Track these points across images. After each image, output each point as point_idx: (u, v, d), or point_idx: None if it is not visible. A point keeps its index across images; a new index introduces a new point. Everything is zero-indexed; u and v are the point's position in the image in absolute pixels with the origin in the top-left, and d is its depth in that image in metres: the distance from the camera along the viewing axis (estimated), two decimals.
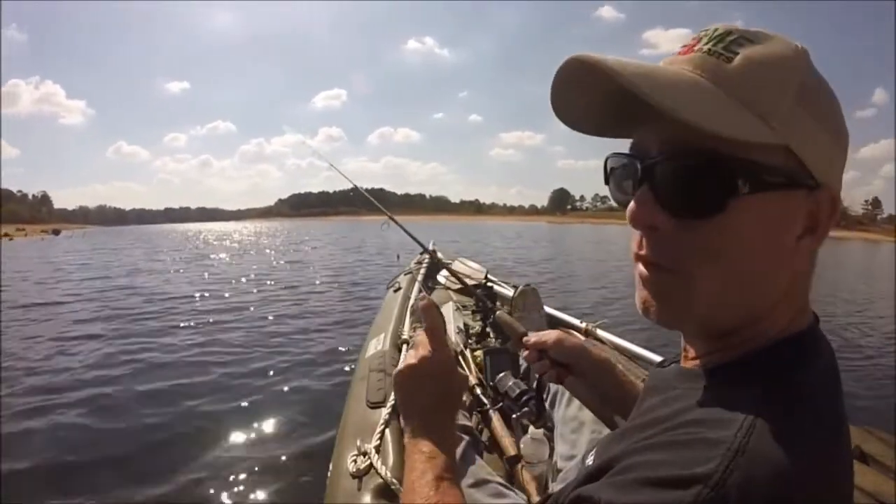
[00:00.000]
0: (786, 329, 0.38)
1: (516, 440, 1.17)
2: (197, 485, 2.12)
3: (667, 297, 0.38)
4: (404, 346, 1.54)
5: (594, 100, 0.40)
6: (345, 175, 2.18)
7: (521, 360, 1.41)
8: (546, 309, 2.00)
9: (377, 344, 1.64)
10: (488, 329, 1.92)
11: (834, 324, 5.98)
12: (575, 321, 2.08)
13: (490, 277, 2.86)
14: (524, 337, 0.82)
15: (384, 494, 0.91)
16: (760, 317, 0.37)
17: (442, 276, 2.94)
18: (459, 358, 1.61)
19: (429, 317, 0.62)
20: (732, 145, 0.33)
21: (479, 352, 1.57)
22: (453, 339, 1.70)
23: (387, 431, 1.08)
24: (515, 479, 1.09)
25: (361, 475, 0.96)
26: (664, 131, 0.36)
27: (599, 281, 9.02)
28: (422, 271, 2.83)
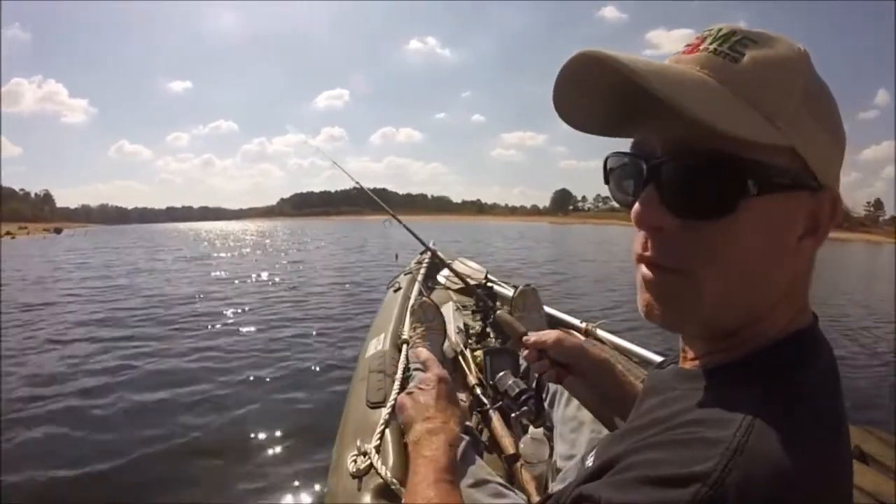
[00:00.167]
0: (785, 329, 0.38)
1: (516, 440, 1.17)
2: (196, 485, 2.12)
3: (671, 299, 0.38)
4: (404, 346, 1.54)
5: (597, 98, 0.40)
6: (349, 174, 2.18)
7: (521, 360, 1.41)
8: (546, 309, 1.99)
9: (377, 344, 1.64)
10: (488, 329, 1.92)
11: (834, 324, 5.95)
12: (575, 321, 2.08)
13: (490, 277, 2.86)
14: (524, 336, 0.83)
15: (384, 494, 0.91)
16: (761, 317, 0.37)
17: (442, 276, 2.94)
18: (459, 358, 1.61)
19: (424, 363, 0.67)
20: (739, 146, 0.33)
21: (479, 352, 1.57)
22: (453, 339, 1.70)
23: (387, 431, 1.08)
24: (515, 479, 1.09)
25: (361, 475, 0.96)
26: (669, 130, 0.36)
27: (606, 283, 8.78)
28: (422, 271, 2.83)
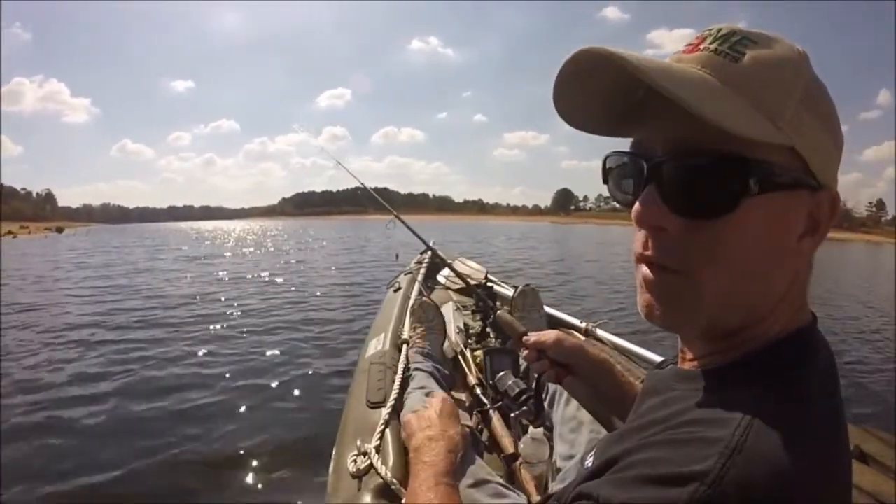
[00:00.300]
0: (785, 329, 0.38)
1: (516, 440, 1.17)
2: (196, 485, 2.12)
3: (672, 300, 0.37)
4: (404, 346, 1.54)
5: (597, 96, 0.40)
6: (354, 175, 2.19)
7: (521, 360, 1.41)
8: (546, 309, 1.99)
9: (377, 344, 1.64)
10: (488, 329, 1.92)
11: (835, 324, 5.95)
12: (575, 321, 2.07)
13: (490, 277, 2.86)
14: (524, 336, 0.83)
15: (384, 494, 0.91)
16: (762, 317, 0.37)
17: (442, 276, 2.94)
18: (459, 358, 1.61)
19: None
20: (742, 144, 0.33)
21: (479, 352, 1.58)
22: (453, 339, 1.70)
23: (387, 431, 1.08)
24: (515, 479, 1.09)
25: (361, 475, 0.96)
26: (671, 129, 0.36)
27: (611, 284, 8.65)
28: (422, 271, 2.83)
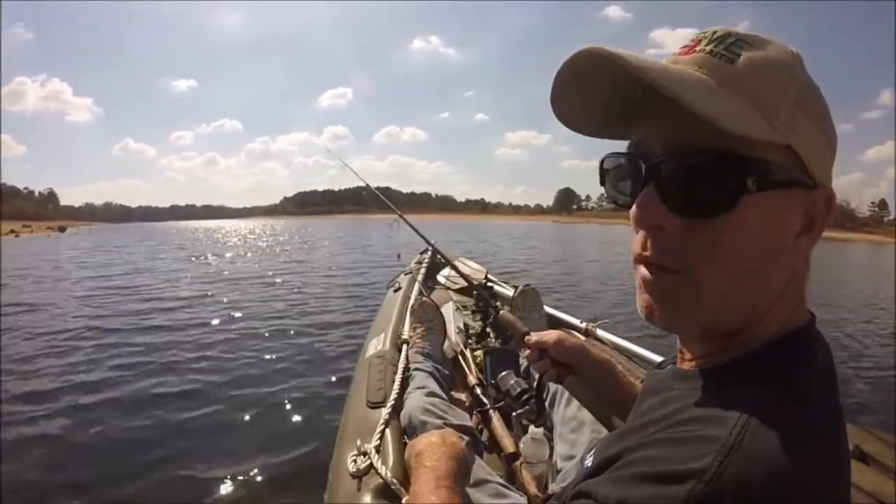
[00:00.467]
0: (783, 328, 0.38)
1: (516, 439, 1.17)
2: (197, 485, 2.12)
3: (671, 300, 0.38)
4: (404, 346, 1.54)
5: (595, 98, 0.40)
6: (359, 175, 2.20)
7: (522, 360, 1.41)
8: (546, 309, 1.99)
9: (377, 344, 1.64)
10: (488, 329, 1.93)
11: (835, 324, 5.93)
12: (575, 321, 2.08)
13: (490, 277, 2.87)
14: (526, 336, 0.83)
15: (384, 494, 0.91)
16: (760, 316, 0.38)
17: (442, 276, 2.94)
18: (459, 358, 1.62)
19: None
20: (739, 143, 0.33)
21: (479, 352, 1.58)
22: (453, 339, 1.71)
23: (387, 431, 1.08)
24: (515, 479, 1.09)
25: (361, 475, 0.96)
26: (670, 130, 0.36)
27: (618, 285, 8.43)
28: (422, 271, 2.83)
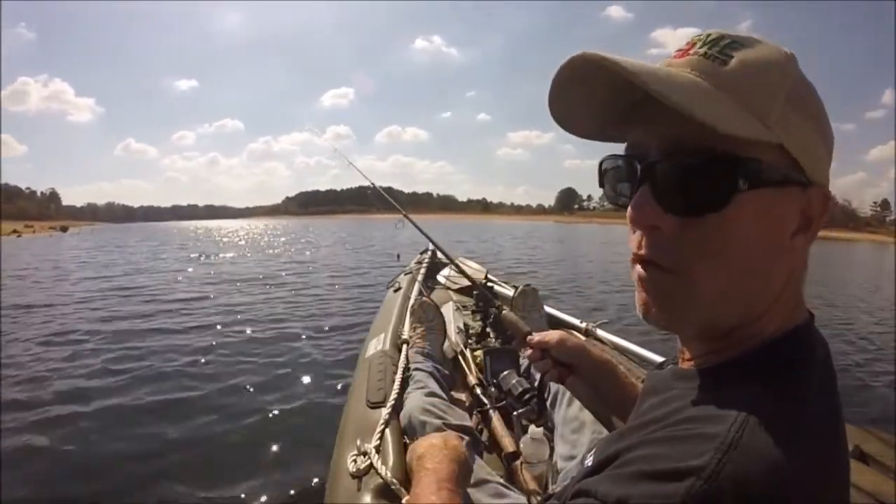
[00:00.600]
0: (781, 327, 0.38)
1: (516, 439, 1.17)
2: (197, 485, 2.12)
3: (667, 298, 0.38)
4: (404, 346, 1.54)
5: (591, 101, 0.40)
6: (364, 175, 2.21)
7: (522, 360, 1.42)
8: (546, 309, 2.00)
9: (377, 344, 1.64)
10: (488, 329, 1.92)
11: (835, 324, 5.91)
12: (575, 321, 2.08)
13: (490, 277, 2.87)
14: (528, 336, 0.83)
15: (384, 494, 0.91)
16: (758, 315, 0.38)
17: (442, 276, 2.94)
18: (459, 358, 1.62)
19: None
20: (731, 143, 0.34)
21: (479, 352, 1.58)
22: (453, 339, 1.71)
23: (387, 431, 1.08)
24: (515, 479, 1.09)
25: (361, 475, 0.96)
26: (663, 131, 0.37)
27: (623, 288, 8.18)
28: (422, 271, 2.83)
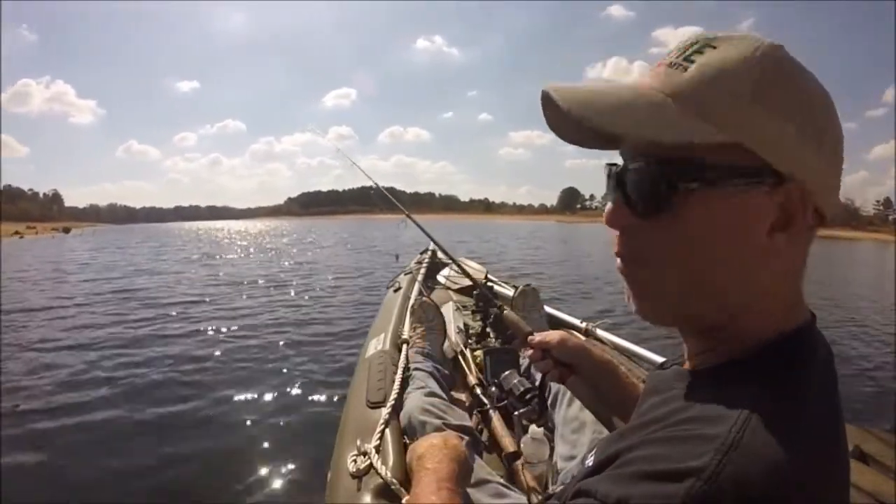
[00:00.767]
0: (780, 328, 0.38)
1: (517, 439, 1.18)
2: (197, 485, 2.13)
3: (642, 290, 0.41)
4: (404, 346, 1.55)
5: (565, 121, 0.43)
6: (368, 175, 2.23)
7: (522, 360, 1.42)
8: (546, 309, 2.00)
9: (377, 344, 1.64)
10: (488, 329, 1.92)
11: (836, 324, 5.91)
12: (575, 321, 2.08)
13: (490, 277, 2.87)
14: (529, 336, 0.84)
15: (384, 494, 0.91)
16: (740, 310, 0.38)
17: (442, 276, 2.94)
18: (459, 358, 1.62)
19: None
20: (678, 148, 0.35)
21: (479, 352, 1.58)
22: (453, 339, 1.71)
23: (387, 431, 1.08)
24: (516, 479, 1.09)
25: (361, 475, 0.96)
26: (630, 142, 0.40)
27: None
28: (422, 271, 2.84)
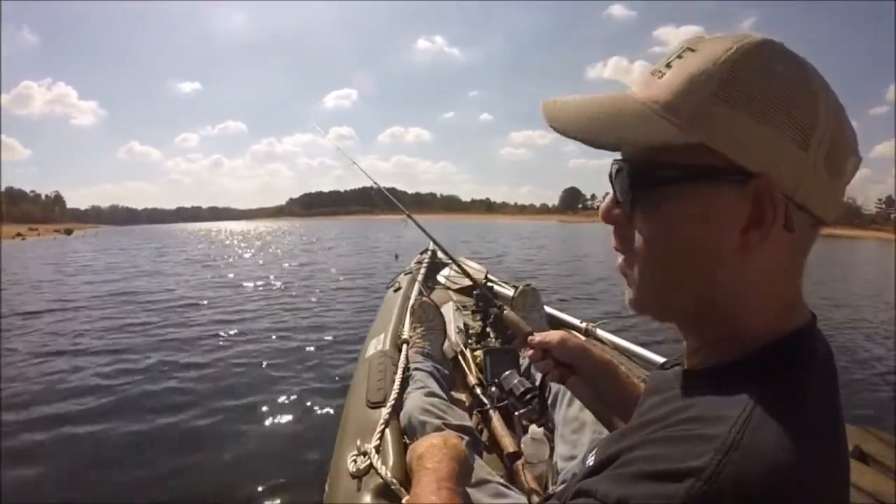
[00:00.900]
0: (779, 328, 0.38)
1: (517, 439, 1.18)
2: (197, 485, 2.13)
3: (630, 280, 0.43)
4: (404, 346, 1.55)
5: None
6: (369, 176, 2.23)
7: (523, 360, 1.42)
8: (546, 309, 2.00)
9: (377, 344, 1.64)
10: (488, 329, 1.93)
11: (837, 323, 5.89)
12: (575, 321, 2.08)
13: (490, 277, 2.87)
14: (529, 336, 0.84)
15: (384, 494, 0.91)
16: (722, 306, 0.38)
17: (442, 276, 2.95)
18: (459, 358, 1.62)
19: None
20: (654, 150, 0.37)
21: (479, 352, 1.58)
22: (453, 339, 1.71)
23: (387, 431, 1.09)
24: (516, 479, 1.09)
25: (361, 475, 0.97)
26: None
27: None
28: (422, 271, 2.84)
